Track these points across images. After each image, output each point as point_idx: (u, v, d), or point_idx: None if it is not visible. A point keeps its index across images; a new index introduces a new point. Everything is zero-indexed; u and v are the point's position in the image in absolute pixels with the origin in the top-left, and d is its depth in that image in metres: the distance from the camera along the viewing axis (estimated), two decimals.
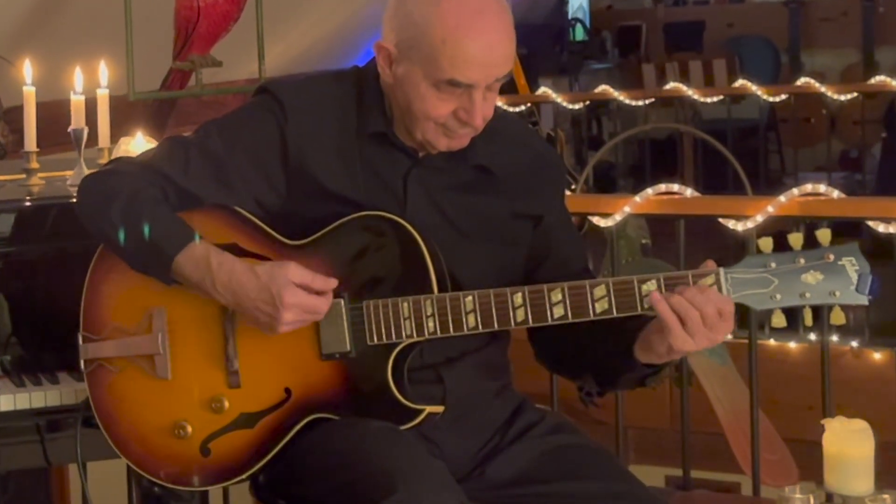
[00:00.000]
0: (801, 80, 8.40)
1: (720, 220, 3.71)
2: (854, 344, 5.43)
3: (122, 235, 2.33)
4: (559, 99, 8.02)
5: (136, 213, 2.32)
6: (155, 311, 2.39)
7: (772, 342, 5.50)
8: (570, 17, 11.40)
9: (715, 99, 8.53)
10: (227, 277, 2.28)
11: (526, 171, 2.46)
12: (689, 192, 3.78)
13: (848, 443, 2.62)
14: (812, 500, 2.53)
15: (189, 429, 2.38)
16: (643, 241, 6.07)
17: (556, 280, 2.29)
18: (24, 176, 3.15)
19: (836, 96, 8.17)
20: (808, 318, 2.49)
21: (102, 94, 3.27)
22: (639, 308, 2.24)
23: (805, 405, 4.72)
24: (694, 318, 2.18)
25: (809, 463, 3.68)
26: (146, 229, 2.30)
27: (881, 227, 3.66)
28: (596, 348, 2.37)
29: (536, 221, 2.47)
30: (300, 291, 2.26)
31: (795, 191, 3.62)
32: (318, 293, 2.28)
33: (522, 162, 2.47)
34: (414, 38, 2.27)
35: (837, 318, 3.00)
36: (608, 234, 3.86)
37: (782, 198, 3.59)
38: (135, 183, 2.36)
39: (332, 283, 2.29)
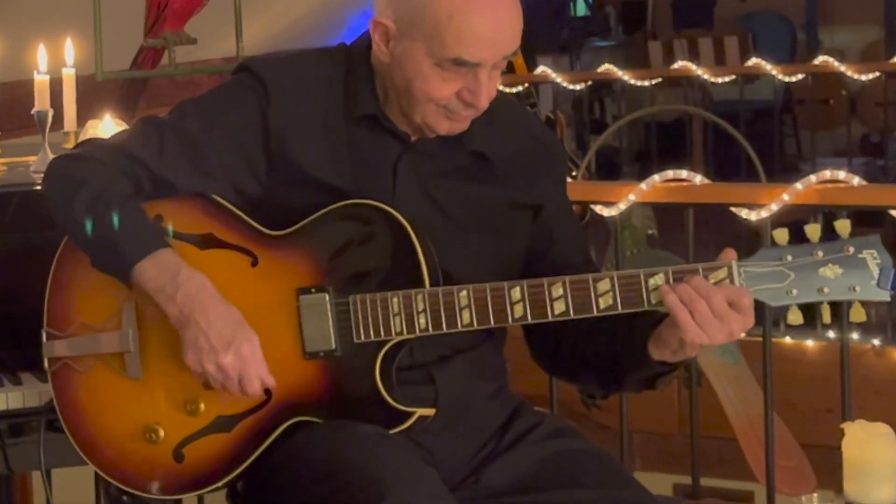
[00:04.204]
0: (819, 59, 8.42)
1: (732, 209, 3.71)
2: (876, 342, 5.45)
3: (86, 229, 2.32)
4: (559, 79, 8.03)
5: (103, 209, 2.31)
6: (125, 306, 2.39)
7: (787, 340, 5.52)
8: None
9: (726, 79, 8.55)
10: (196, 290, 2.28)
11: (525, 159, 2.46)
12: (698, 178, 3.79)
13: (869, 448, 2.62)
14: None
15: (161, 433, 2.37)
16: (649, 232, 6.09)
17: (558, 274, 2.29)
18: None
19: (856, 76, 8.19)
20: (826, 315, 2.51)
21: (68, 74, 3.27)
22: (645, 304, 2.24)
23: (823, 408, 4.74)
24: (701, 308, 2.18)
25: (828, 470, 3.69)
26: (114, 224, 2.29)
27: None
28: (599, 346, 2.37)
29: (536, 212, 2.47)
30: (260, 354, 2.27)
31: (813, 177, 3.62)
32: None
33: (521, 148, 2.47)
34: (416, 14, 2.26)
35: (858, 314, 3.00)
36: (612, 225, 3.87)
37: (799, 185, 3.59)
38: (105, 173, 2.35)
39: (271, 382, 2.30)
